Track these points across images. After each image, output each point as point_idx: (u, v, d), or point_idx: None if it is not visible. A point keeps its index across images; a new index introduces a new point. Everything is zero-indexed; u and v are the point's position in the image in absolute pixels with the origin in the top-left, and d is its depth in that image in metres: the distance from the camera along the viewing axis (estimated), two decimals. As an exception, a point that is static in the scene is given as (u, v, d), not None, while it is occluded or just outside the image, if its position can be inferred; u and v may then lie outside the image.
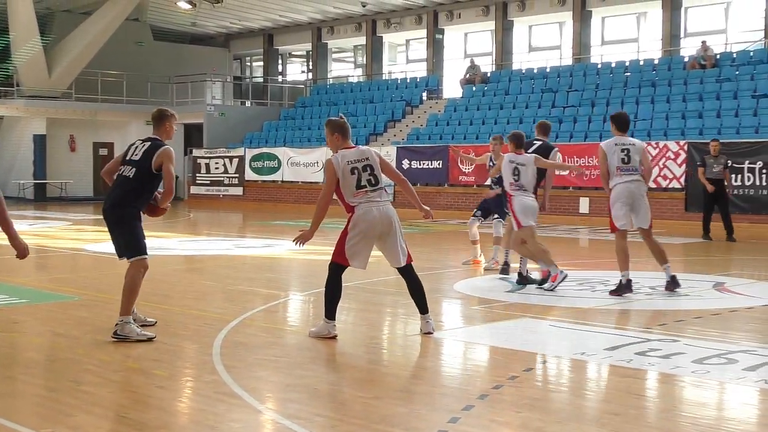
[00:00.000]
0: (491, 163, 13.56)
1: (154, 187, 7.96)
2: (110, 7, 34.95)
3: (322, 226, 7.71)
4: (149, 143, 7.87)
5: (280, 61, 43.06)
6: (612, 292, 10.15)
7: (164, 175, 7.76)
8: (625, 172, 10.09)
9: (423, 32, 35.57)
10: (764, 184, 20.18)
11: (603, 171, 10.20)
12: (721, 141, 21.59)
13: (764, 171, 20.12)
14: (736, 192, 20.74)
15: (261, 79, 42.38)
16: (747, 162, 20.47)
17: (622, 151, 10.10)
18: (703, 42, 26.81)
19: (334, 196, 7.66)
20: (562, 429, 5.26)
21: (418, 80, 34.03)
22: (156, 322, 8.31)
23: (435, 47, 35.11)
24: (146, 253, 7.85)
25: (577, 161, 21.75)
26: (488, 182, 14.97)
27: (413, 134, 29.41)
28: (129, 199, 7.81)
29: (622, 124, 10.39)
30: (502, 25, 33.03)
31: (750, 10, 28.65)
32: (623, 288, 10.06)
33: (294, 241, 7.69)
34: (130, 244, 7.78)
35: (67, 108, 35.17)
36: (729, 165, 18.76)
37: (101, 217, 8.00)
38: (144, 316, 8.30)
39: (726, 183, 18.36)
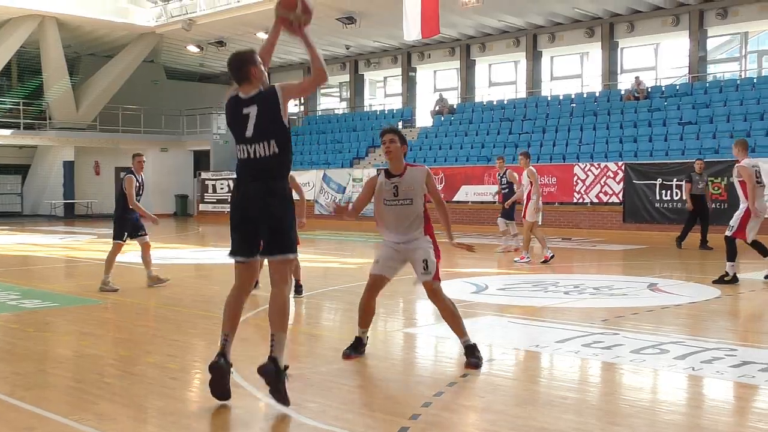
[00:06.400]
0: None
1: None
2: (129, 50, 34.97)
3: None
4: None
5: (276, 96, 42.95)
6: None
7: None
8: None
9: (398, 70, 35.65)
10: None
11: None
12: (652, 162, 21.82)
13: (690, 187, 20.23)
14: (666, 205, 20.87)
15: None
16: (675, 180, 20.60)
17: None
18: (637, 77, 26.98)
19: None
20: (520, 411, 5.26)
21: (394, 112, 34.06)
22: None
23: (409, 83, 35.19)
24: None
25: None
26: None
27: (391, 158, 29.40)
28: None
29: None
30: (466, 63, 33.16)
31: (676, 49, 28.87)
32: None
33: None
34: None
35: (92, 138, 35.01)
36: (708, 182, 18.12)
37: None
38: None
39: (707, 197, 17.73)
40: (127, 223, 11.10)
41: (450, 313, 6.52)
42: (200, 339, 7.87)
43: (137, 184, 11.02)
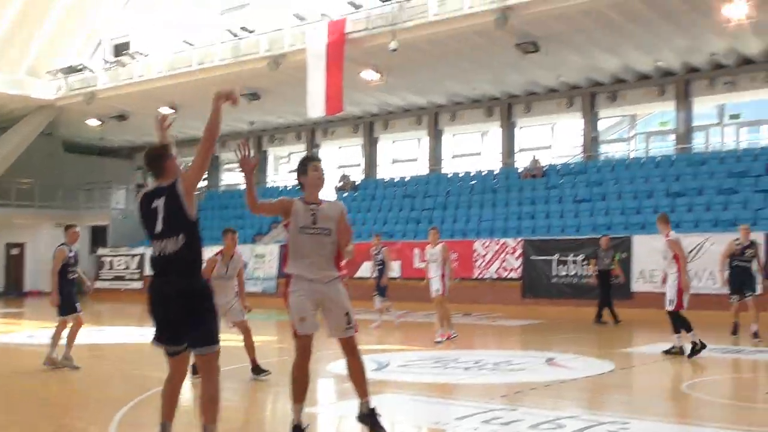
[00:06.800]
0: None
1: None
2: (26, 122, 34.15)
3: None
4: None
5: (178, 171, 42.48)
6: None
7: None
8: None
9: (303, 146, 35.88)
10: (585, 273, 20.89)
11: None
12: (548, 238, 22.46)
13: (584, 263, 20.86)
14: (562, 280, 21.43)
15: (161, 186, 41.57)
16: (571, 255, 21.22)
17: None
18: (534, 156, 27.94)
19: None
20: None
21: (298, 187, 34.01)
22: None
23: (313, 159, 35.36)
24: None
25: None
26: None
27: (294, 233, 29.31)
28: None
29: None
30: (369, 140, 33.70)
31: (570, 129, 30.04)
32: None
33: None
34: None
35: (-19, 213, 33.76)
36: (614, 258, 18.71)
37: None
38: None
39: (612, 274, 18.34)
40: (71, 297, 10.67)
41: (361, 371, 6.28)
42: (89, 423, 7.55)
43: (70, 257, 10.69)
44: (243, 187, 6.24)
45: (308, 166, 6.47)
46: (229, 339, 13.98)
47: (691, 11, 20.28)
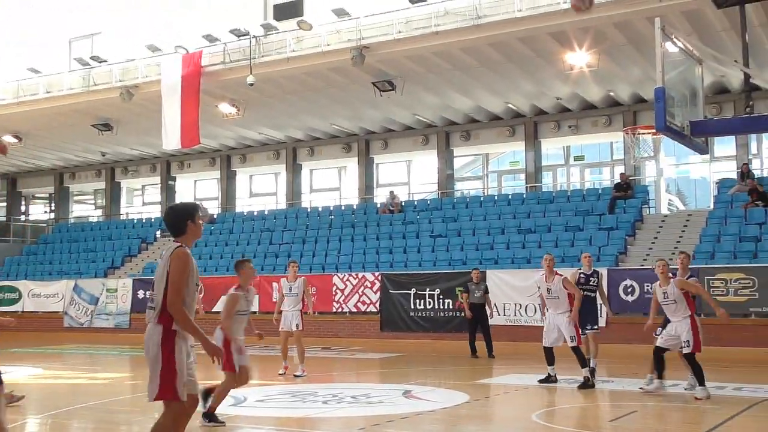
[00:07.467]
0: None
1: None
2: None
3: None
4: None
5: (23, 202, 40.58)
6: None
7: None
8: None
9: (157, 179, 35.10)
10: (441, 307, 21.33)
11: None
12: (406, 272, 22.84)
13: (441, 296, 21.31)
14: (420, 314, 21.79)
15: (3, 219, 39.55)
16: (428, 289, 21.62)
17: None
18: (391, 191, 28.41)
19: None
20: None
21: (153, 220, 33.29)
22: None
23: (168, 192, 34.70)
24: None
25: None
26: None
27: (148, 268, 28.54)
28: None
29: None
30: (227, 174, 33.36)
31: (427, 167, 30.80)
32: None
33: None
34: None
35: None
36: (487, 290, 18.83)
37: None
38: None
39: (487, 307, 18.44)
40: None
41: None
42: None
43: None
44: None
45: (198, 215, 5.74)
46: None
47: (537, 57, 21.35)
